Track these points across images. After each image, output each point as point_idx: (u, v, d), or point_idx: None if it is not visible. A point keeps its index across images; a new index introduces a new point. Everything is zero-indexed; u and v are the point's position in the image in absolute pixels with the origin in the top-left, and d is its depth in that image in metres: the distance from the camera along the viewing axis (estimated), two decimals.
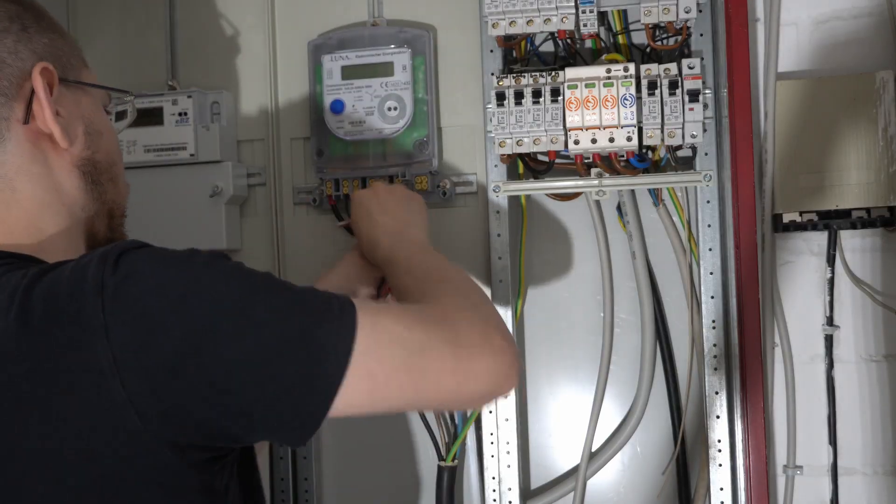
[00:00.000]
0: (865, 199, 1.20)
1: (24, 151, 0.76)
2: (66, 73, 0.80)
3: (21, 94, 0.76)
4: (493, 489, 1.23)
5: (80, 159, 0.80)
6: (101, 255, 0.66)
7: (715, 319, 1.18)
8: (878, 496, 1.25)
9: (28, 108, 0.76)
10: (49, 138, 0.77)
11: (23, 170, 0.76)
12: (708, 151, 1.17)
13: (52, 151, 0.78)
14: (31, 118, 0.76)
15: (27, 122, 0.76)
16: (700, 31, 1.17)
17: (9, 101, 0.75)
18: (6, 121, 0.75)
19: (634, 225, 1.26)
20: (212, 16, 1.32)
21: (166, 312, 0.63)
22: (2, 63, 0.75)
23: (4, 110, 0.75)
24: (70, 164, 0.79)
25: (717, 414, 1.18)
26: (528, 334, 1.32)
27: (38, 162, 0.77)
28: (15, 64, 0.76)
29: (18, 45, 0.77)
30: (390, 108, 1.22)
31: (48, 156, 0.78)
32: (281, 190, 1.30)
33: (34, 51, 0.77)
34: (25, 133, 0.76)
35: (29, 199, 0.77)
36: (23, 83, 0.76)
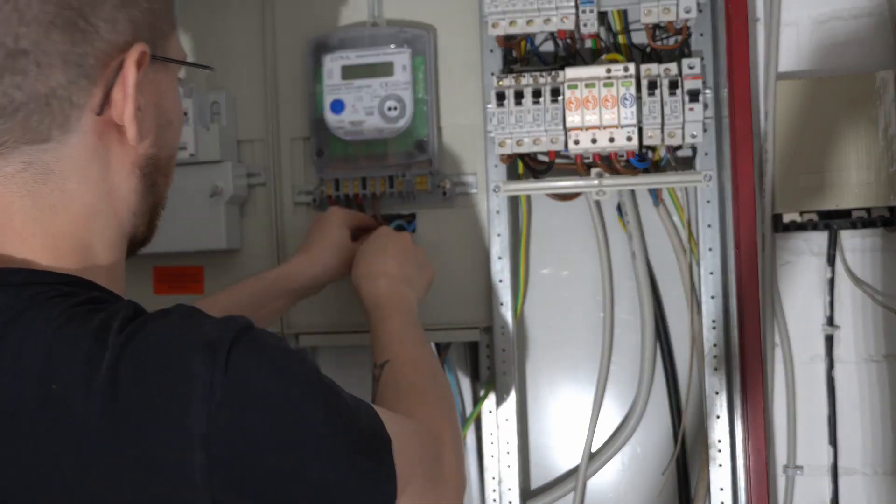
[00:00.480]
0: (865, 199, 1.20)
1: (86, 146, 0.64)
2: (156, 48, 0.67)
3: (104, 75, 0.63)
4: (493, 489, 1.23)
5: (144, 158, 0.69)
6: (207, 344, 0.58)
7: (715, 319, 1.18)
8: (879, 496, 1.25)
9: (106, 95, 0.64)
10: (117, 131, 0.65)
11: (79, 168, 0.64)
12: (708, 151, 1.17)
13: (117, 147, 0.66)
14: (106, 107, 0.64)
15: (101, 113, 0.64)
16: (700, 31, 1.17)
17: (90, 84, 0.63)
18: (79, 109, 0.63)
19: (634, 225, 1.26)
20: (211, 16, 1.32)
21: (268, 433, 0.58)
22: (94, 35, 0.62)
23: (81, 96, 0.63)
24: (132, 164, 0.68)
25: (717, 414, 1.18)
26: (528, 334, 1.32)
27: (99, 160, 0.65)
28: (108, 37, 0.63)
29: (118, 13, 0.63)
30: (390, 108, 1.22)
31: (111, 153, 0.66)
32: (281, 190, 1.30)
33: (132, 20, 0.64)
34: (95, 124, 0.64)
35: (80, 204, 0.65)
36: (109, 62, 0.63)
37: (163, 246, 1.25)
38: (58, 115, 0.62)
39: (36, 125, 0.62)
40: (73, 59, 0.61)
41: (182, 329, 0.59)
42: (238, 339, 0.59)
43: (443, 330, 1.24)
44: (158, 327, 0.59)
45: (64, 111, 0.62)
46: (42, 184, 0.63)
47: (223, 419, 0.56)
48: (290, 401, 0.59)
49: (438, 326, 1.24)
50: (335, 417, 0.62)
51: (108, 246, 0.67)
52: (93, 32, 0.62)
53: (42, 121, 0.62)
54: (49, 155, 0.63)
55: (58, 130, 0.63)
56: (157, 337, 0.58)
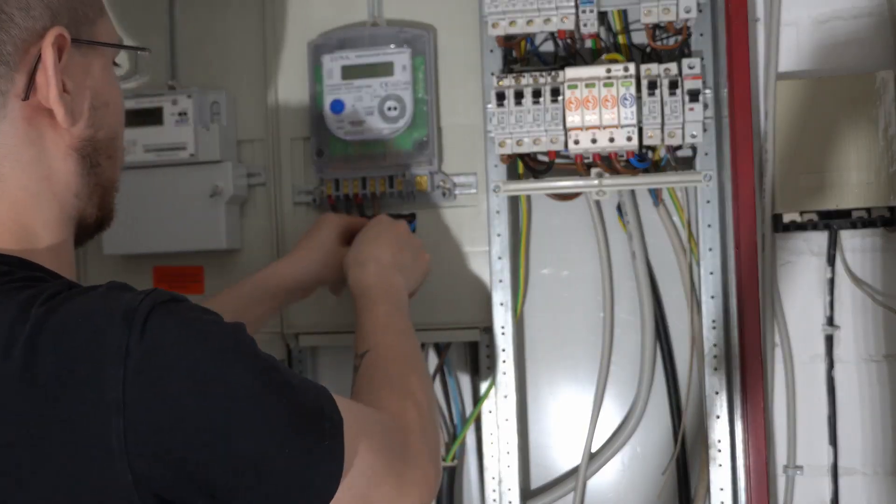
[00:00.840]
0: (866, 199, 1.20)
1: (17, 132, 0.65)
2: (79, 32, 0.68)
3: (25, 61, 0.64)
4: (493, 489, 1.23)
5: (80, 140, 0.69)
6: (124, 312, 0.58)
7: (715, 319, 1.18)
8: (879, 496, 1.25)
9: (30, 80, 0.65)
10: (48, 115, 0.66)
11: (12, 154, 0.66)
12: (708, 151, 1.17)
13: (50, 131, 0.67)
14: (31, 92, 0.65)
15: (27, 98, 0.65)
16: (700, 31, 1.17)
17: (10, 71, 0.64)
18: (3, 96, 0.64)
19: (634, 225, 1.26)
20: (212, 16, 1.32)
21: (188, 399, 0.58)
22: (10, 23, 0.63)
23: (4, 83, 0.64)
24: (68, 146, 0.69)
25: (717, 414, 1.18)
26: (528, 334, 1.32)
27: (32, 144, 0.66)
28: (24, 24, 0.64)
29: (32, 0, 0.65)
30: (390, 108, 1.22)
31: (44, 137, 0.67)
32: (281, 190, 1.30)
33: (49, 5, 0.65)
34: (22, 110, 0.65)
35: (15, 188, 0.66)
36: (29, 48, 0.64)
37: (163, 246, 1.27)
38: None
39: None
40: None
41: (104, 299, 0.60)
42: (157, 307, 0.59)
43: (443, 330, 1.24)
44: (82, 299, 0.60)
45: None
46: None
47: (139, 385, 0.57)
48: (214, 370, 0.59)
49: (438, 326, 1.24)
50: (267, 391, 0.61)
51: (50, 228, 0.68)
52: (8, 20, 0.63)
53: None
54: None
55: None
56: (78, 307, 0.59)
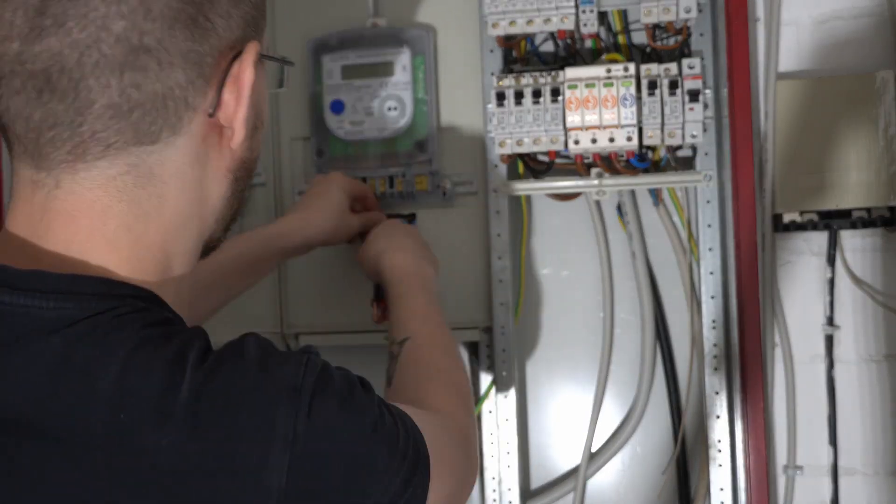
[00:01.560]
0: (866, 199, 1.20)
1: (191, 149, 0.60)
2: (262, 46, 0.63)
3: (217, 74, 0.59)
4: (493, 489, 1.23)
5: (238, 162, 0.64)
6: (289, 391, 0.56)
7: (715, 319, 1.18)
8: (879, 496, 1.25)
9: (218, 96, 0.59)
10: (219, 132, 0.61)
11: (180, 172, 0.60)
12: (708, 151, 1.17)
13: (215, 150, 0.62)
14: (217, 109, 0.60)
15: (213, 115, 0.59)
16: (700, 31, 1.17)
17: (206, 84, 0.58)
18: (193, 110, 0.59)
19: (634, 225, 1.26)
20: None
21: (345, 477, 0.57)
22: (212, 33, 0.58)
23: (197, 97, 0.58)
24: (227, 168, 0.63)
25: (717, 414, 1.18)
26: (528, 334, 1.32)
27: (199, 164, 0.61)
28: (224, 34, 0.59)
29: (232, 9, 0.59)
30: (390, 108, 1.22)
31: (209, 156, 0.62)
32: (281, 190, 1.30)
33: (244, 16, 0.60)
34: (203, 126, 0.60)
35: (171, 214, 0.60)
36: (222, 61, 0.59)
37: None
38: (171, 117, 0.58)
39: (148, 126, 0.58)
40: (193, 58, 0.58)
41: (261, 371, 0.57)
42: (318, 383, 0.58)
43: None
44: (238, 367, 0.57)
45: (178, 112, 0.58)
46: (142, 188, 0.59)
47: (303, 472, 0.55)
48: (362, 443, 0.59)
49: None
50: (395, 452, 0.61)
51: (185, 257, 0.63)
52: (211, 29, 0.58)
53: (155, 121, 0.58)
54: (154, 157, 0.59)
55: (168, 132, 0.58)
56: (238, 378, 0.56)
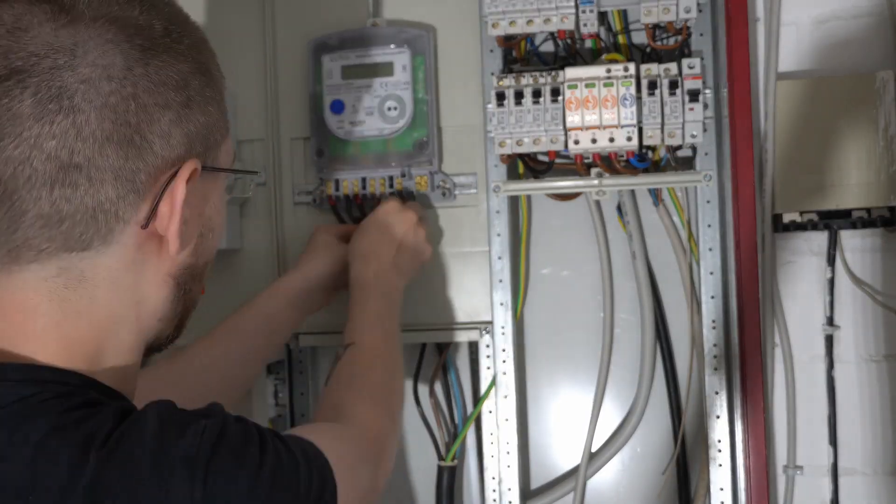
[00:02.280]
0: (866, 199, 1.20)
1: (124, 257, 0.63)
2: (207, 158, 0.66)
3: (153, 190, 0.62)
4: (493, 489, 1.23)
5: (181, 268, 0.67)
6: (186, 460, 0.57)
7: (715, 319, 1.18)
8: (879, 496, 1.25)
9: (153, 208, 0.62)
10: (157, 242, 0.64)
11: (113, 278, 0.63)
12: (708, 151, 1.17)
13: (154, 257, 0.65)
14: (152, 220, 0.63)
15: (146, 227, 0.63)
16: (700, 31, 1.17)
17: (138, 199, 0.61)
18: (124, 223, 0.62)
19: (634, 225, 1.26)
20: (212, 16, 1.32)
21: None
22: (149, 151, 0.61)
23: (128, 210, 0.61)
24: (167, 273, 0.66)
25: (717, 414, 1.18)
26: (528, 334, 1.32)
27: (134, 271, 0.64)
28: (162, 153, 0.62)
29: (173, 128, 0.62)
30: (390, 108, 1.22)
31: (146, 263, 0.65)
32: (281, 190, 1.30)
33: (187, 134, 0.63)
34: (137, 236, 0.63)
35: (104, 313, 0.63)
36: (160, 177, 0.62)
37: None
38: (102, 228, 0.61)
39: (79, 236, 0.61)
40: (125, 175, 0.61)
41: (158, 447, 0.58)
42: (215, 450, 0.59)
43: (443, 330, 1.24)
44: (138, 439, 0.58)
45: (109, 224, 0.61)
46: (72, 290, 0.62)
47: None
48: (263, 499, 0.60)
49: (438, 326, 1.24)
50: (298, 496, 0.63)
51: (122, 352, 0.66)
52: (147, 148, 0.61)
53: (85, 232, 0.61)
54: (85, 262, 0.62)
55: (99, 241, 0.62)
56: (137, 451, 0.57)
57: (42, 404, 0.59)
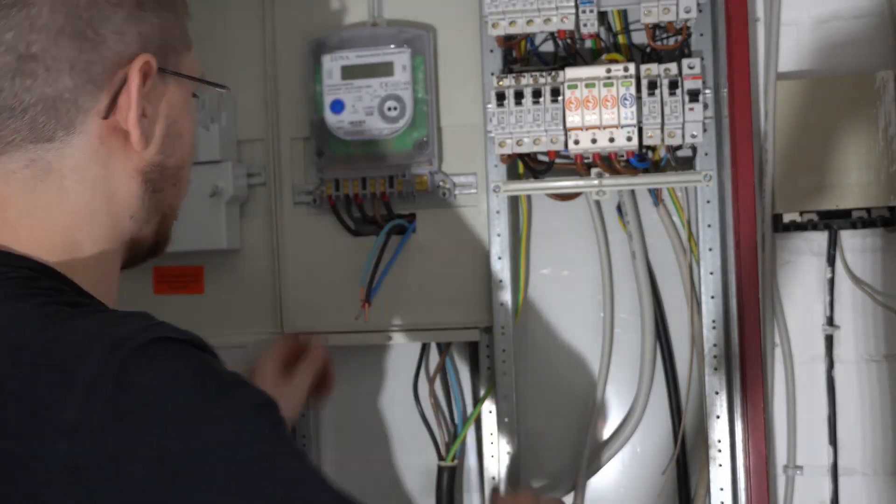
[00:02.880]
0: (865, 199, 1.20)
1: (88, 148, 0.66)
2: (166, 62, 0.69)
3: (111, 82, 0.65)
4: (493, 489, 1.23)
5: (149, 164, 0.70)
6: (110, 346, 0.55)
7: (715, 319, 1.18)
8: (878, 496, 1.25)
9: (113, 100, 0.66)
10: (122, 136, 0.67)
11: (79, 168, 0.66)
12: (708, 151, 1.17)
13: (120, 151, 0.68)
14: (112, 112, 0.66)
15: (107, 117, 0.66)
16: (700, 31, 1.17)
17: (95, 89, 0.65)
18: (84, 113, 0.65)
19: (634, 225, 1.26)
20: (212, 16, 1.32)
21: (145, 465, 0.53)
22: (103, 45, 0.65)
23: (87, 100, 0.65)
24: (134, 168, 0.69)
25: (717, 414, 1.18)
26: (528, 334, 1.32)
27: (100, 162, 0.67)
28: (116, 48, 0.65)
29: (126, 26, 0.66)
30: (390, 108, 1.22)
31: (113, 156, 0.68)
32: (281, 190, 1.30)
33: (141, 33, 0.67)
34: (99, 128, 0.66)
35: (74, 204, 0.66)
36: (116, 71, 0.65)
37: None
38: (63, 117, 0.65)
39: (42, 125, 0.64)
40: (81, 66, 0.64)
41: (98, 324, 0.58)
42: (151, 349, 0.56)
43: (443, 330, 1.24)
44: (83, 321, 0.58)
45: (69, 114, 0.65)
46: (41, 180, 0.66)
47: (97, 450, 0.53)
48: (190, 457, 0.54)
49: (438, 326, 1.24)
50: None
51: (97, 246, 0.68)
52: (101, 42, 0.65)
53: (48, 122, 0.65)
54: (52, 154, 0.65)
55: (62, 131, 0.65)
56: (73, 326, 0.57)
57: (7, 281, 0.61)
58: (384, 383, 1.35)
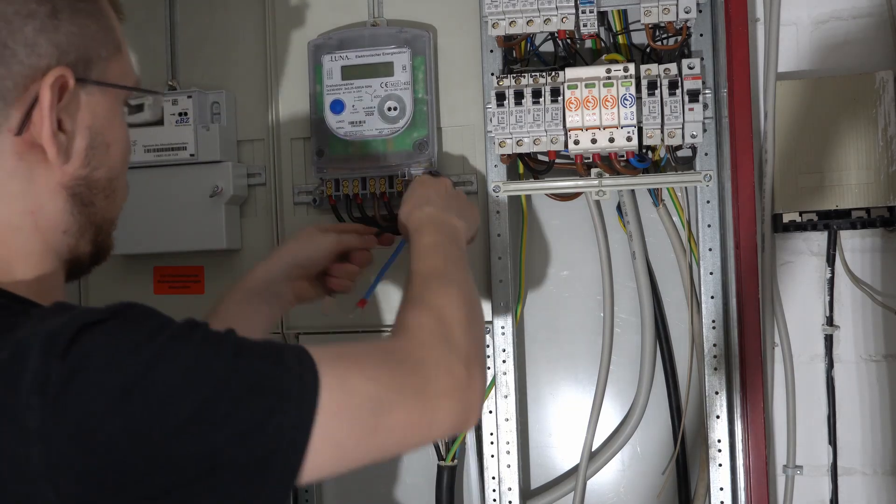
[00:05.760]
0: (865, 199, 1.20)
1: (5, 165, 0.65)
2: (87, 72, 0.67)
3: (24, 97, 0.64)
4: (493, 489, 1.23)
5: (73, 178, 0.68)
6: (48, 336, 0.56)
7: (715, 319, 1.18)
8: (878, 496, 1.25)
9: (26, 116, 0.64)
10: (41, 151, 0.65)
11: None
12: (708, 151, 1.17)
13: (40, 167, 0.66)
14: (26, 128, 0.64)
15: (19, 134, 0.64)
16: (700, 31, 1.17)
17: (6, 106, 0.63)
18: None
19: (634, 225, 1.26)
20: (211, 16, 1.32)
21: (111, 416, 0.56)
22: (13, 58, 0.62)
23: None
24: (57, 183, 0.67)
25: (717, 414, 1.18)
26: (528, 334, 1.32)
27: (19, 178, 0.65)
28: (28, 61, 0.63)
29: (39, 37, 0.63)
30: (390, 108, 1.22)
31: (33, 172, 0.66)
32: (281, 190, 1.30)
33: (56, 44, 0.64)
34: (14, 144, 0.64)
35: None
36: (29, 85, 0.64)
37: (163, 246, 1.27)
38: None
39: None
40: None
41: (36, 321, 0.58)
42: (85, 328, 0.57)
43: None
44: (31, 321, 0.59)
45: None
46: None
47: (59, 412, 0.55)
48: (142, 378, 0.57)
49: None
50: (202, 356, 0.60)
51: (29, 262, 0.67)
52: (10, 56, 0.63)
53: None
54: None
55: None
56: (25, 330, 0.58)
57: None
58: None
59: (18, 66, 0.63)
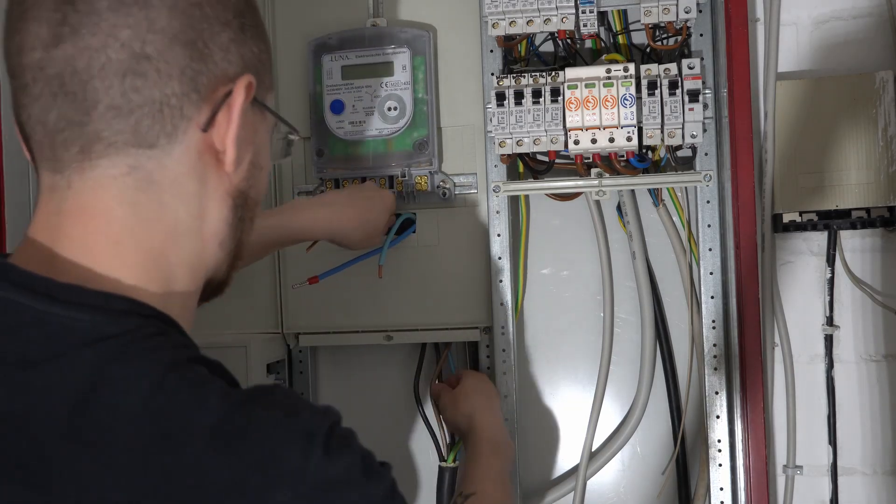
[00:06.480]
0: (865, 199, 1.20)
1: (188, 160, 0.65)
2: (259, 93, 0.69)
3: (212, 97, 0.65)
4: None
5: (236, 190, 0.69)
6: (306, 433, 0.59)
7: (715, 319, 1.19)
8: (878, 496, 1.26)
9: (212, 116, 0.65)
10: (215, 156, 0.66)
11: (178, 181, 0.65)
12: (708, 151, 1.18)
13: (213, 171, 0.67)
14: (210, 127, 0.65)
15: (206, 130, 0.65)
16: (700, 31, 1.17)
17: (200, 100, 0.64)
18: (187, 121, 0.64)
19: (634, 225, 1.26)
20: None
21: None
22: (210, 59, 0.65)
23: (191, 109, 0.64)
24: (225, 191, 0.68)
25: (717, 414, 1.18)
26: (528, 334, 1.32)
27: (197, 178, 0.66)
28: (221, 65, 0.65)
29: (231, 45, 0.66)
30: (390, 108, 1.22)
31: (208, 174, 0.66)
32: (281, 190, 1.30)
33: (243, 57, 0.67)
34: (198, 140, 0.65)
35: (172, 220, 0.65)
36: (217, 87, 0.65)
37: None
38: (167, 124, 0.64)
39: (146, 130, 0.63)
40: (189, 74, 0.64)
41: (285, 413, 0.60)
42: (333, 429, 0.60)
43: (443, 330, 1.24)
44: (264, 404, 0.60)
45: (173, 120, 0.64)
46: (142, 192, 0.64)
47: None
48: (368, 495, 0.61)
49: (438, 326, 1.24)
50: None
51: (187, 272, 0.67)
52: (209, 56, 0.65)
53: (152, 126, 0.63)
54: (153, 163, 0.64)
55: (165, 139, 0.64)
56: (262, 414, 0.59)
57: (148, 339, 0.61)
58: (384, 383, 1.35)
59: (213, 66, 0.65)
